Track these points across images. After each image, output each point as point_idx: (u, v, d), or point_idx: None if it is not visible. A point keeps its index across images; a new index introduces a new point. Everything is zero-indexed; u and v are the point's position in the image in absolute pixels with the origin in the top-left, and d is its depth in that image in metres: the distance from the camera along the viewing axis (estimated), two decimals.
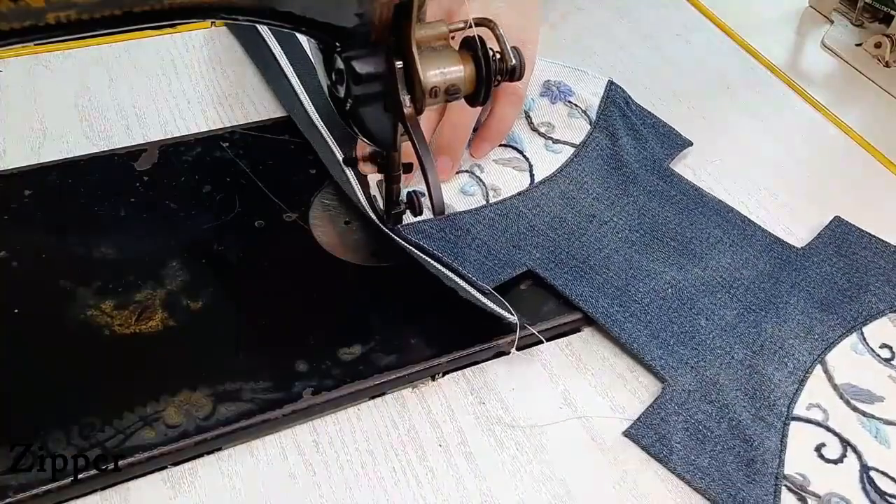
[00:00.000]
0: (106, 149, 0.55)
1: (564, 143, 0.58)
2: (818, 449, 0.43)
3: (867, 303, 0.50)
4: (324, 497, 0.40)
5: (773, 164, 0.61)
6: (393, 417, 0.43)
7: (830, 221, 0.55)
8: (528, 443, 0.42)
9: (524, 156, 0.57)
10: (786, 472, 0.42)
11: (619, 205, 0.54)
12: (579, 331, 0.48)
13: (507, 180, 0.55)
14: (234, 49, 0.65)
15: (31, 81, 0.61)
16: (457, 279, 0.46)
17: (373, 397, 0.43)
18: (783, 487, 0.41)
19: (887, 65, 0.70)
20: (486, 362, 0.46)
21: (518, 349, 0.46)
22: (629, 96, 0.61)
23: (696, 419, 0.43)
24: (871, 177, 0.61)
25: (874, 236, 0.54)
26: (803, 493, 0.41)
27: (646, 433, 0.43)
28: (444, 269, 0.47)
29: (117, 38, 0.65)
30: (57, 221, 0.50)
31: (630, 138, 0.58)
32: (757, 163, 0.61)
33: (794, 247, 0.53)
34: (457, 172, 0.55)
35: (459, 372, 0.45)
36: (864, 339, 0.49)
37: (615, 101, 0.60)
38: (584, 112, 0.59)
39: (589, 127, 0.58)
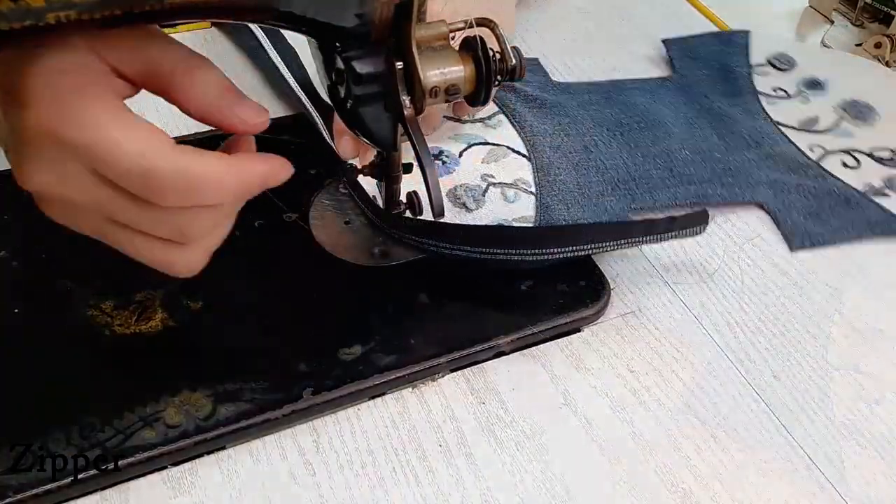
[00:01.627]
0: None
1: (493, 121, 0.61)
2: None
3: (741, 74, 0.66)
4: (324, 497, 0.40)
5: None
6: (393, 417, 0.43)
7: (669, 48, 0.68)
8: (528, 443, 0.42)
9: (514, 150, 0.58)
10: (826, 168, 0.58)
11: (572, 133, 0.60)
12: (579, 331, 0.48)
13: (514, 169, 0.57)
14: (234, 49, 0.65)
15: None
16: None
17: (373, 397, 0.43)
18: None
19: (888, 65, 0.70)
20: (486, 362, 0.46)
21: (518, 349, 0.46)
22: (549, 76, 0.65)
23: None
24: None
25: (704, 34, 0.69)
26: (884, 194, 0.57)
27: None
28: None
29: None
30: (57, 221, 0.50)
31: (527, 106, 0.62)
32: None
33: (667, 77, 0.65)
34: (492, 186, 0.55)
35: (459, 372, 0.45)
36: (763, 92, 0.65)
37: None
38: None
39: (496, 108, 0.62)
